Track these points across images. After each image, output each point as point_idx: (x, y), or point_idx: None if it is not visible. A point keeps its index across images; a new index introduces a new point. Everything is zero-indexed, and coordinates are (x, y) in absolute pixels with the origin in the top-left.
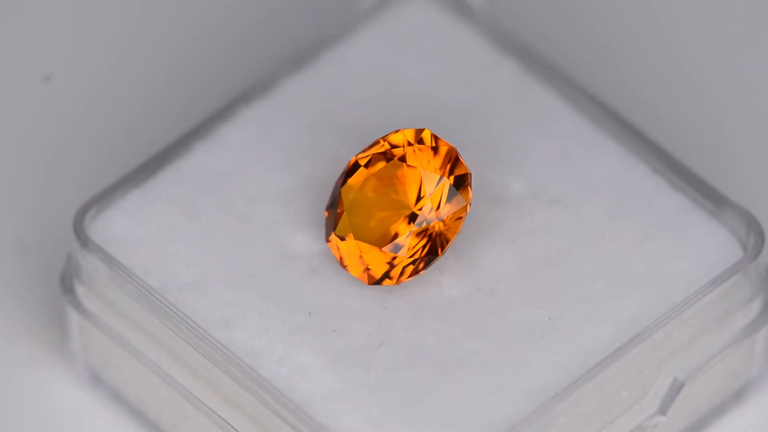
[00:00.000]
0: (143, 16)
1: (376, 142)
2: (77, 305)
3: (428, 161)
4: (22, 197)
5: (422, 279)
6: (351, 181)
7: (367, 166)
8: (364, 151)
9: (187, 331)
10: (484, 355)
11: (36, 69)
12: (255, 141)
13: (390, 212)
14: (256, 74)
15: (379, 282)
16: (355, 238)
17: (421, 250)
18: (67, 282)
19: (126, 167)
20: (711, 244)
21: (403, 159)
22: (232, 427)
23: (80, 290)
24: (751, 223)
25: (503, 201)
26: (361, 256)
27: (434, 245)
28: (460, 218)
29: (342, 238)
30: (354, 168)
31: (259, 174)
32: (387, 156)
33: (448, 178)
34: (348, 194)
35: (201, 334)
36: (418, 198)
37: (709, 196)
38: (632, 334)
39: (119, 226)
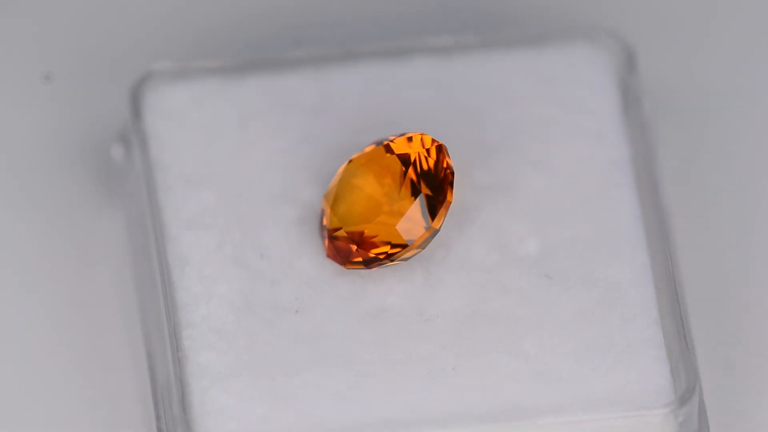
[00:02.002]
0: None
1: (406, 135)
2: (119, 164)
3: (425, 173)
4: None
5: (378, 278)
6: (362, 156)
7: (388, 149)
8: (395, 136)
9: (146, 208)
10: (365, 368)
11: None
12: (352, 95)
13: (370, 202)
14: (418, 40)
15: (333, 258)
16: (331, 209)
17: (377, 251)
18: (121, 139)
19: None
20: (648, 382)
21: (406, 161)
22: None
23: (130, 148)
24: (690, 381)
25: (508, 251)
26: (328, 226)
27: (390, 252)
28: (423, 237)
29: (325, 204)
30: (374, 145)
31: (331, 123)
32: (399, 147)
33: (431, 197)
34: (351, 166)
35: (155, 216)
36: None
37: (680, 341)
38: (507, 419)
39: (178, 100)
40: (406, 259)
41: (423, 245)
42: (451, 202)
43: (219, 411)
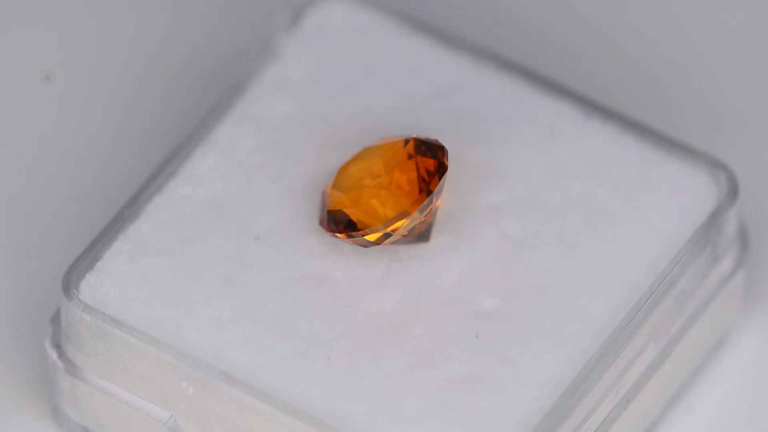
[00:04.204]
0: None
1: (434, 142)
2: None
3: (417, 182)
4: None
5: (347, 252)
6: (392, 138)
7: (408, 143)
8: (422, 134)
9: (235, 90)
10: (257, 314)
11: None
12: (477, 99)
13: (360, 178)
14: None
15: (319, 213)
16: (340, 169)
17: (340, 228)
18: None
19: None
20: None
21: (407, 162)
22: None
23: None
24: None
25: (470, 296)
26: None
27: (344, 230)
28: (375, 233)
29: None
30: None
31: (438, 110)
32: (413, 146)
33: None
34: (379, 143)
35: (230, 100)
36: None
37: None
38: (319, 424)
39: (335, 17)
40: (365, 246)
41: (378, 241)
42: (410, 215)
43: (111, 273)
